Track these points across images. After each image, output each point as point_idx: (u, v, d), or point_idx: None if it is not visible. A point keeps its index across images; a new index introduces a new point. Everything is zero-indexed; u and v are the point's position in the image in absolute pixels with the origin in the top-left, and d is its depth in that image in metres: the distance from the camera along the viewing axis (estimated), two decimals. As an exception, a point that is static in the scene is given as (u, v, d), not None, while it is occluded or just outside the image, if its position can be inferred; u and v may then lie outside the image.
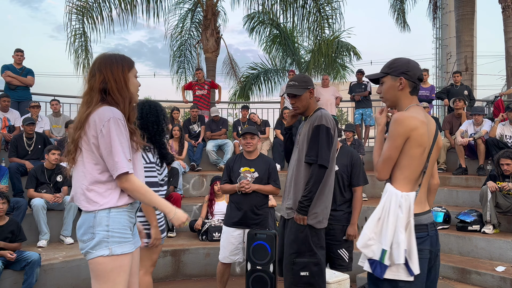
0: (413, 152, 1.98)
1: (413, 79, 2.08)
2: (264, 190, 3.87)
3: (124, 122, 1.99)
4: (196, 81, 8.78)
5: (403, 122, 1.97)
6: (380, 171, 2.05)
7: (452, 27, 15.07)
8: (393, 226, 1.93)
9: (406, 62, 2.11)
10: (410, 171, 2.00)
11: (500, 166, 5.02)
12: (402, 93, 2.10)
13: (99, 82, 2.02)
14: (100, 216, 1.96)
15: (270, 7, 10.65)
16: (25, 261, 4.11)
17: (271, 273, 3.76)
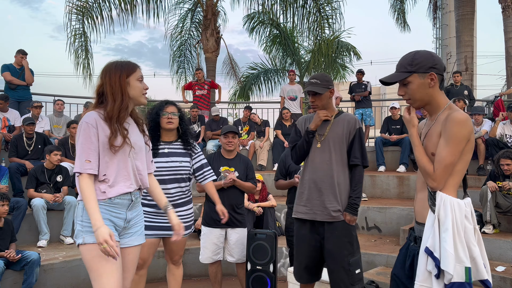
0: (468, 156, 1.83)
1: (441, 71, 1.89)
2: (243, 186, 3.86)
3: (95, 123, 2.11)
4: (196, 81, 8.78)
5: (467, 124, 1.78)
6: (440, 179, 1.81)
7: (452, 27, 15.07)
8: (464, 239, 1.75)
9: (430, 55, 1.88)
10: (461, 176, 1.85)
11: (500, 166, 5.02)
12: (434, 90, 1.88)
13: (98, 87, 2.21)
14: (79, 208, 2.15)
15: (270, 7, 10.64)
16: (24, 261, 4.11)
17: (271, 273, 3.76)
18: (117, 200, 2.17)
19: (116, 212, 2.17)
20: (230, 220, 3.77)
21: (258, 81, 14.99)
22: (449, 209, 1.76)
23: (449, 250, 1.73)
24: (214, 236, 3.82)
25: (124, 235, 2.24)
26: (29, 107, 7.10)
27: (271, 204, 5.62)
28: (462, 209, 1.77)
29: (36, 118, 6.95)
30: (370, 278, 4.27)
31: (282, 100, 8.81)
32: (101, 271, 2.06)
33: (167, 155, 3.18)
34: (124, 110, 2.18)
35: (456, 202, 1.77)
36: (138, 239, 2.30)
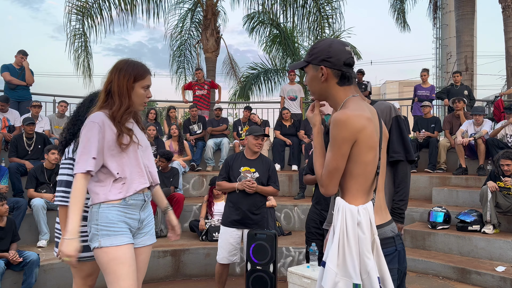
0: (364, 157, 1.58)
1: (337, 66, 1.66)
2: (265, 191, 3.88)
3: (102, 124, 2.10)
4: (196, 81, 8.78)
5: (347, 123, 1.55)
6: (326, 185, 1.61)
7: (452, 27, 15.08)
8: (356, 251, 1.53)
9: (327, 46, 1.68)
10: (366, 179, 1.61)
11: (500, 167, 5.02)
12: (328, 85, 1.70)
13: (107, 83, 2.20)
14: (93, 212, 2.13)
15: (270, 7, 10.65)
16: (24, 261, 4.11)
17: (271, 273, 3.76)
18: (131, 201, 2.17)
19: (131, 213, 2.18)
20: (246, 221, 3.82)
21: (258, 81, 14.98)
22: (339, 217, 1.57)
23: (330, 265, 1.56)
24: (230, 236, 3.87)
25: (137, 235, 2.25)
26: (29, 107, 7.10)
27: (271, 204, 5.62)
28: (355, 216, 1.54)
29: (36, 117, 6.95)
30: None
31: (282, 100, 8.80)
32: (118, 274, 2.06)
33: None
34: (128, 114, 2.19)
35: (348, 209, 1.56)
36: (151, 239, 2.33)
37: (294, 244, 5.29)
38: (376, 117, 1.70)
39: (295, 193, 6.95)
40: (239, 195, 3.83)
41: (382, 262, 1.56)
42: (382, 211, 1.69)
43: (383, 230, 1.65)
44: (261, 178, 3.88)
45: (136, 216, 2.20)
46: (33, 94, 7.82)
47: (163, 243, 5.27)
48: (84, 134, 2.10)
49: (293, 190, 7.08)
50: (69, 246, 1.96)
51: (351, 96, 1.69)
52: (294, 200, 6.59)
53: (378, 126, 1.68)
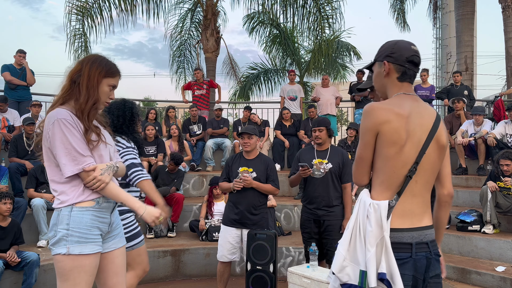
0: (385, 151, 1.63)
1: (399, 61, 1.73)
2: (262, 188, 3.87)
3: (72, 120, 1.98)
4: (195, 81, 8.78)
5: (370, 114, 1.65)
6: (353, 174, 1.74)
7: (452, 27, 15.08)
8: (363, 241, 1.61)
9: (392, 44, 1.77)
10: (386, 175, 1.65)
11: (500, 167, 5.02)
12: (388, 79, 1.76)
13: (74, 71, 2.08)
14: (62, 214, 2.00)
15: (270, 7, 10.64)
16: (24, 261, 4.10)
17: (271, 273, 3.76)
18: (104, 203, 2.09)
19: (103, 217, 2.10)
20: (245, 221, 3.83)
21: (258, 81, 14.98)
22: (357, 206, 1.68)
23: (340, 249, 1.67)
24: (229, 235, 3.89)
25: (107, 239, 2.16)
26: (29, 107, 7.10)
27: (271, 204, 5.62)
28: (366, 208, 1.63)
29: (36, 117, 6.95)
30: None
31: (282, 100, 8.81)
32: (77, 282, 1.98)
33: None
34: (95, 110, 2.08)
35: (363, 201, 1.65)
36: (122, 241, 2.25)
37: (294, 244, 5.29)
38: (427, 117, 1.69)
39: (295, 193, 6.95)
40: (238, 195, 3.84)
41: (391, 259, 1.57)
42: (409, 216, 1.66)
43: (400, 234, 1.63)
44: (259, 177, 3.88)
45: (107, 220, 2.12)
46: (33, 94, 7.82)
47: (163, 243, 5.28)
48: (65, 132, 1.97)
49: (293, 190, 7.08)
50: (149, 211, 2.13)
51: (400, 93, 1.74)
52: (294, 200, 6.59)
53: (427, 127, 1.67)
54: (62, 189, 2.02)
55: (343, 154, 3.92)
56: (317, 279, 3.34)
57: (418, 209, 1.68)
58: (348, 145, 7.16)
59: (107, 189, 2.04)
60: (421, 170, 1.67)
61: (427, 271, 1.65)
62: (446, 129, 6.50)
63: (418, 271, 1.63)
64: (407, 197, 1.66)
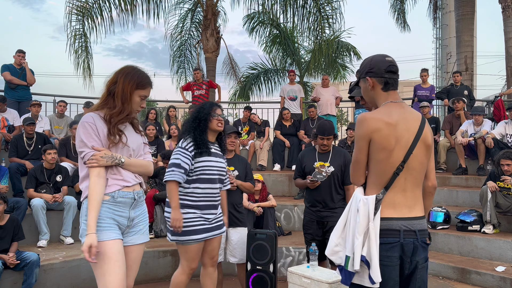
0: (377, 156, 1.89)
1: (379, 74, 1.98)
2: (244, 186, 3.93)
3: (93, 122, 2.19)
4: (195, 81, 8.79)
5: (363, 123, 1.90)
6: (351, 175, 2.00)
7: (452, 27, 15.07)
8: (352, 231, 1.89)
9: (368, 60, 2.03)
10: (375, 175, 1.92)
11: (501, 167, 5.02)
12: (375, 92, 2.01)
13: (111, 82, 2.28)
14: (83, 207, 2.21)
15: (270, 7, 10.63)
16: (24, 261, 4.11)
17: (271, 273, 3.76)
18: (120, 198, 2.22)
19: (119, 210, 2.23)
20: (231, 220, 3.80)
21: (258, 81, 14.99)
22: (350, 203, 1.97)
23: (332, 236, 2.00)
24: None
25: (127, 234, 2.29)
26: (28, 107, 7.11)
27: (271, 204, 5.62)
28: (356, 203, 1.91)
29: (36, 117, 6.96)
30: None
31: (282, 100, 8.81)
32: (105, 269, 2.10)
33: (215, 155, 3.24)
34: (126, 119, 2.29)
35: (355, 197, 1.94)
36: (142, 238, 2.36)
37: (294, 244, 5.29)
38: (412, 122, 1.93)
39: (295, 193, 6.95)
40: None
41: (373, 246, 1.83)
42: (399, 208, 1.91)
43: (389, 222, 1.88)
44: (240, 175, 3.94)
45: (125, 214, 2.25)
46: (33, 94, 7.83)
47: (163, 243, 5.27)
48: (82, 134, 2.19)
49: (293, 190, 7.08)
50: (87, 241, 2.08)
51: (388, 102, 1.98)
52: (294, 200, 6.59)
53: (413, 131, 1.91)
54: (85, 182, 2.21)
55: (345, 155, 3.90)
56: (317, 279, 3.34)
57: (408, 202, 1.92)
58: (348, 145, 7.16)
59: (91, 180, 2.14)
60: (409, 168, 1.91)
61: (414, 254, 1.90)
62: (446, 128, 6.47)
63: (405, 254, 1.89)
64: (398, 192, 1.91)
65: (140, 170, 2.35)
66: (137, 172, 2.34)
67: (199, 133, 3.18)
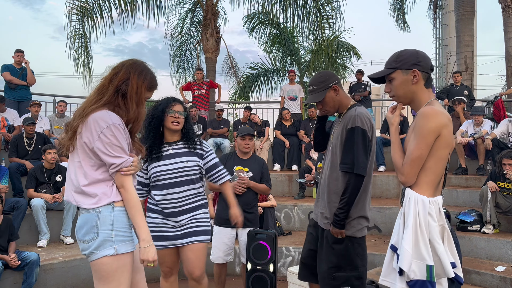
0: (441, 153, 1.78)
1: (426, 69, 1.89)
2: (258, 188, 3.89)
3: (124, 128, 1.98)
4: (195, 81, 8.78)
5: (435, 117, 1.76)
6: (407, 173, 1.80)
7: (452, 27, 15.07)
8: (427, 237, 1.73)
9: (415, 52, 1.91)
10: (435, 174, 1.79)
11: (503, 166, 4.99)
12: (417, 86, 1.89)
13: (120, 79, 1.98)
14: (103, 215, 1.94)
15: (270, 7, 10.63)
16: (24, 261, 4.10)
17: (271, 273, 3.76)
18: None
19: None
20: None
21: (258, 81, 14.99)
22: (412, 206, 1.76)
23: (406, 247, 1.73)
24: (225, 235, 3.86)
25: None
26: (28, 107, 7.10)
27: (271, 204, 5.62)
28: (426, 206, 1.74)
29: (36, 117, 6.95)
30: (370, 278, 4.27)
31: (282, 100, 8.80)
32: (121, 281, 1.98)
33: (172, 156, 2.89)
34: (141, 123, 2.08)
35: (420, 199, 1.76)
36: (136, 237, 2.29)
37: (294, 244, 5.29)
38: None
39: (295, 193, 6.95)
40: None
41: (453, 248, 1.74)
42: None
43: None
44: (254, 177, 3.89)
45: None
46: (33, 94, 7.82)
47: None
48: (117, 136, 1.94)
49: (293, 190, 7.08)
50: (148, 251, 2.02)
51: (434, 99, 1.89)
52: (294, 200, 6.59)
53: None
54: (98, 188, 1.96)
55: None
56: (317, 279, 3.33)
57: None
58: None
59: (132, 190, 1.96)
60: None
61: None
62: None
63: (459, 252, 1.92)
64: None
65: None
66: None
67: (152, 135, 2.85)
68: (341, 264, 2.52)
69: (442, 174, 1.82)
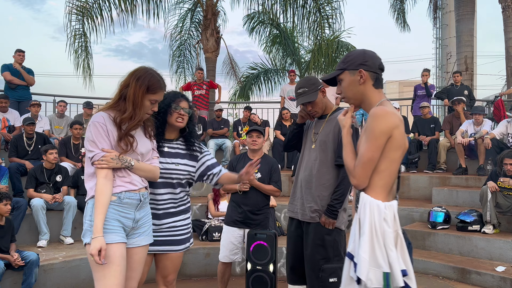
0: (393, 154, 1.71)
1: (373, 69, 1.84)
2: (264, 188, 3.86)
3: (105, 124, 2.15)
4: (195, 81, 8.79)
5: (385, 118, 1.70)
6: (359, 176, 1.73)
7: (452, 27, 15.07)
8: (383, 243, 1.66)
9: (362, 52, 1.88)
10: (389, 176, 1.73)
11: (504, 166, 4.98)
12: (365, 87, 1.85)
13: (123, 85, 2.24)
14: (89, 207, 2.16)
15: (270, 7, 10.64)
16: (23, 261, 4.10)
17: (271, 273, 3.75)
18: (126, 199, 2.19)
19: (125, 212, 2.20)
20: (248, 221, 3.83)
21: (258, 81, 14.97)
22: (368, 211, 1.69)
23: (363, 255, 1.66)
24: (232, 235, 3.87)
25: (132, 235, 2.26)
26: (28, 107, 7.11)
27: (271, 204, 5.61)
28: (382, 211, 1.68)
29: (36, 117, 6.95)
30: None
31: (282, 100, 8.80)
32: (105, 272, 2.06)
33: (164, 155, 2.68)
34: (137, 126, 2.24)
35: (375, 204, 1.69)
36: (146, 239, 2.33)
37: (294, 244, 5.28)
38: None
39: (295, 193, 6.94)
40: (242, 196, 3.84)
41: (406, 255, 1.68)
42: None
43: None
44: (263, 178, 3.87)
45: (131, 216, 2.22)
46: (33, 94, 7.83)
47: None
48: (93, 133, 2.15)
49: (293, 190, 7.07)
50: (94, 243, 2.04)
51: (385, 99, 1.85)
52: (294, 200, 6.58)
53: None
54: (90, 182, 2.17)
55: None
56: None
57: None
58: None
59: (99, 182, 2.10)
60: None
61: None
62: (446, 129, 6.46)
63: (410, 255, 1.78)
64: None
65: (147, 175, 2.31)
66: (145, 176, 2.30)
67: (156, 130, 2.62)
68: (330, 255, 2.72)
69: (396, 176, 1.77)
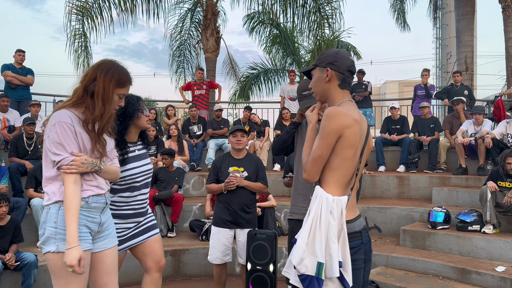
0: (345, 153, 1.79)
1: (340, 70, 1.91)
2: (252, 187, 3.86)
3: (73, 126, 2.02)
4: (195, 81, 8.79)
5: (336, 118, 1.77)
6: (308, 171, 1.82)
7: (452, 27, 15.08)
8: (325, 235, 1.73)
9: (334, 52, 1.95)
10: (342, 174, 1.81)
11: (506, 165, 4.96)
12: (330, 85, 1.92)
13: (89, 79, 2.08)
14: (51, 212, 2.02)
15: (270, 7, 10.64)
16: (22, 262, 4.10)
17: (271, 273, 3.76)
18: (94, 204, 2.11)
19: (92, 216, 2.12)
20: (239, 221, 3.81)
21: (258, 81, 14.98)
22: (316, 203, 1.78)
23: (299, 242, 1.76)
24: (223, 236, 3.85)
25: (97, 239, 2.19)
26: (28, 107, 7.11)
27: (271, 204, 5.62)
28: (329, 204, 1.75)
29: (36, 117, 6.95)
30: (370, 278, 4.27)
31: (282, 100, 8.81)
32: (69, 279, 1.99)
33: (141, 157, 2.80)
34: (109, 123, 2.12)
35: (325, 197, 1.77)
36: (113, 241, 2.27)
37: (294, 244, 5.28)
38: (365, 123, 1.92)
39: (295, 193, 6.94)
40: (229, 195, 3.82)
41: (346, 249, 1.76)
42: (354, 208, 1.92)
43: (352, 225, 1.86)
44: (250, 176, 3.87)
45: (97, 220, 2.15)
46: (33, 94, 7.83)
47: (163, 243, 5.24)
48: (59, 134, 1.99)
49: (293, 190, 7.07)
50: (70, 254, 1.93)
51: (347, 100, 1.91)
52: (294, 200, 6.58)
53: (365, 132, 1.91)
54: (52, 186, 2.04)
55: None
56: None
57: (354, 201, 1.95)
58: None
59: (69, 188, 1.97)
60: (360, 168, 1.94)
61: (369, 251, 1.93)
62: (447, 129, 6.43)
63: (367, 254, 1.90)
64: (353, 192, 1.91)
65: (111, 176, 2.22)
66: (109, 178, 2.21)
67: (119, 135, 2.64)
68: None
69: (351, 174, 1.84)
